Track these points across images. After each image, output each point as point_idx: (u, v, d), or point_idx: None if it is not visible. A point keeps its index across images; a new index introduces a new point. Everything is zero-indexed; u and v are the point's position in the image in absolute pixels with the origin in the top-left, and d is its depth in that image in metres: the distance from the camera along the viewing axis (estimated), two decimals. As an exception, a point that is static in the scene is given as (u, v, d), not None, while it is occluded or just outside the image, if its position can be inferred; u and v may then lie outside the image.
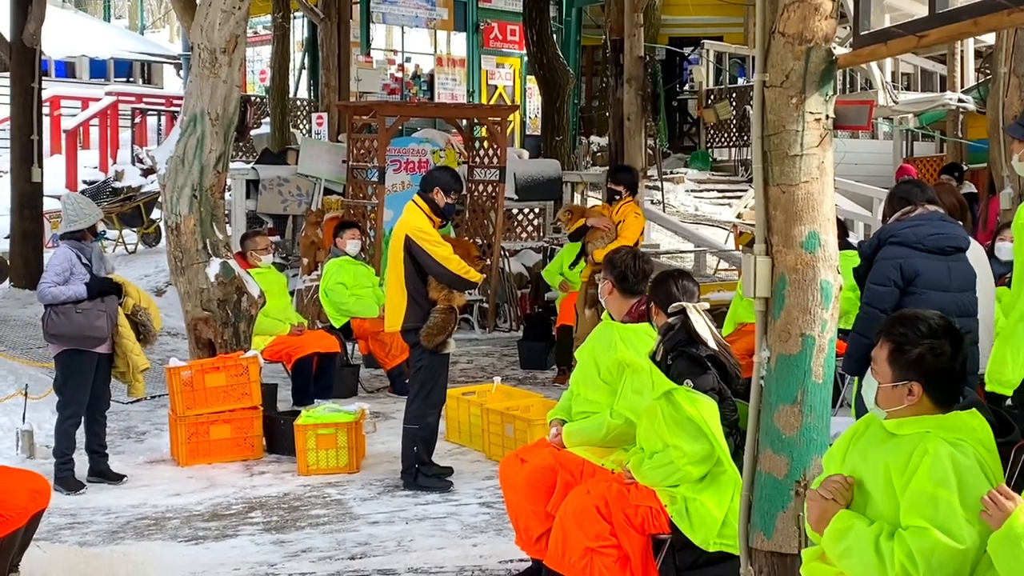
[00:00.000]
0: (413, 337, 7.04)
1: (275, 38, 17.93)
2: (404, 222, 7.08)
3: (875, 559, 3.16)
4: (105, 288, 7.16)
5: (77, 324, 7.06)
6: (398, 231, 7.06)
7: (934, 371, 3.32)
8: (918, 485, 3.19)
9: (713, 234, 17.15)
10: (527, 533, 5.13)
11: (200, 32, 8.16)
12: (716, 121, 20.71)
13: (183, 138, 8.24)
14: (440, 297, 7.00)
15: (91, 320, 7.08)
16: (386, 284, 7.32)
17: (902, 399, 3.34)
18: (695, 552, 4.50)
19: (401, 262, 6.99)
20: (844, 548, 3.25)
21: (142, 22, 32.64)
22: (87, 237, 7.27)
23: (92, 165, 20.08)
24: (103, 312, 7.12)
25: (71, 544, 6.11)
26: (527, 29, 17.74)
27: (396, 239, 7.05)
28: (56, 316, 7.08)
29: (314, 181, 13.76)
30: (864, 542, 3.20)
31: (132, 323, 7.31)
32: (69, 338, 7.11)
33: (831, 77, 3.91)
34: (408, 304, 7.00)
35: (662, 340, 4.72)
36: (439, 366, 7.14)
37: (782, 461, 3.89)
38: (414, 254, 6.97)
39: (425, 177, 7.36)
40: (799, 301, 3.87)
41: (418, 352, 7.07)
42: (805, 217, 3.85)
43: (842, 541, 3.26)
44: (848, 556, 3.24)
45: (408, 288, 7.00)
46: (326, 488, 7.23)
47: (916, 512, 3.16)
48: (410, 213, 7.11)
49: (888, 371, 3.36)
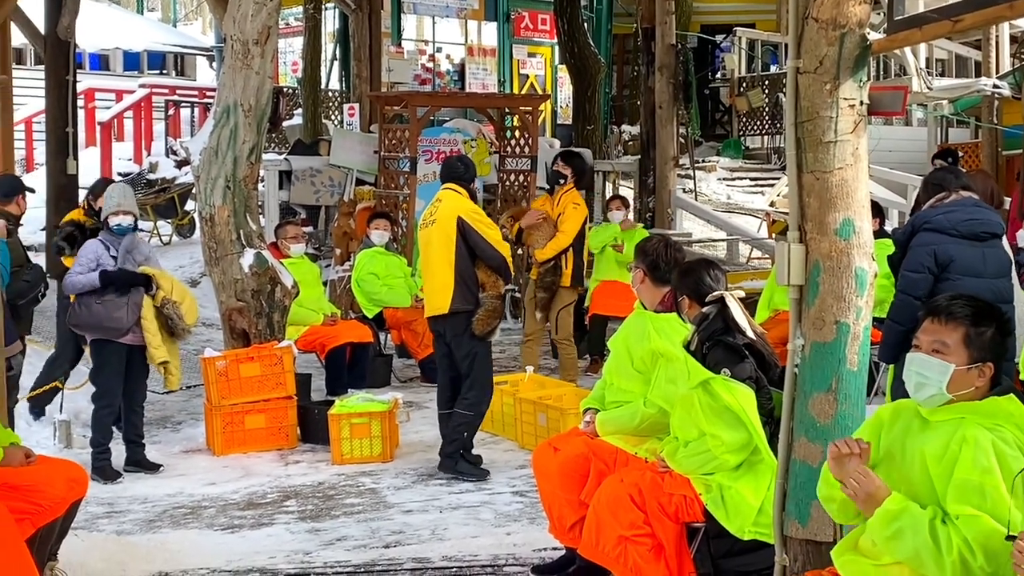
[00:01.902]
0: (459, 321, 7.04)
1: (307, 29, 17.97)
2: (454, 205, 7.11)
3: (931, 543, 3.12)
4: (126, 280, 7.18)
5: (96, 315, 7.14)
6: (447, 214, 7.07)
7: (1000, 352, 3.30)
8: (963, 474, 3.15)
9: (745, 222, 17.07)
10: (560, 522, 5.14)
11: (233, 24, 8.19)
12: (748, 109, 20.59)
13: (216, 129, 8.29)
14: (489, 282, 7.04)
15: (110, 311, 7.13)
16: (429, 267, 7.24)
17: (973, 382, 3.31)
18: (730, 540, 4.49)
19: (452, 244, 7.00)
20: (895, 529, 3.20)
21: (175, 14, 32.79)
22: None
23: (126, 157, 20.22)
24: (124, 304, 7.14)
25: (108, 533, 6.18)
26: (558, 18, 17.70)
27: (446, 221, 7.05)
28: (79, 306, 7.17)
29: (346, 171, 13.80)
30: (920, 526, 3.15)
31: (161, 315, 7.32)
32: (90, 328, 7.22)
33: (865, 63, 3.88)
34: (456, 286, 7.01)
35: (697, 329, 4.71)
36: (489, 352, 7.22)
37: (817, 449, 3.87)
38: (467, 236, 6.99)
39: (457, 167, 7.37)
40: (833, 288, 3.84)
41: (467, 338, 7.07)
42: (839, 204, 3.82)
43: (893, 523, 3.21)
44: (899, 538, 3.19)
45: (458, 270, 7.01)
46: (360, 477, 7.27)
47: (964, 500, 3.12)
48: (456, 198, 7.15)
49: (964, 353, 3.31)
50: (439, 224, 7.11)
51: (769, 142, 21.22)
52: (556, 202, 9.19)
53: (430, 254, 7.20)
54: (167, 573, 5.51)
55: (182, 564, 5.61)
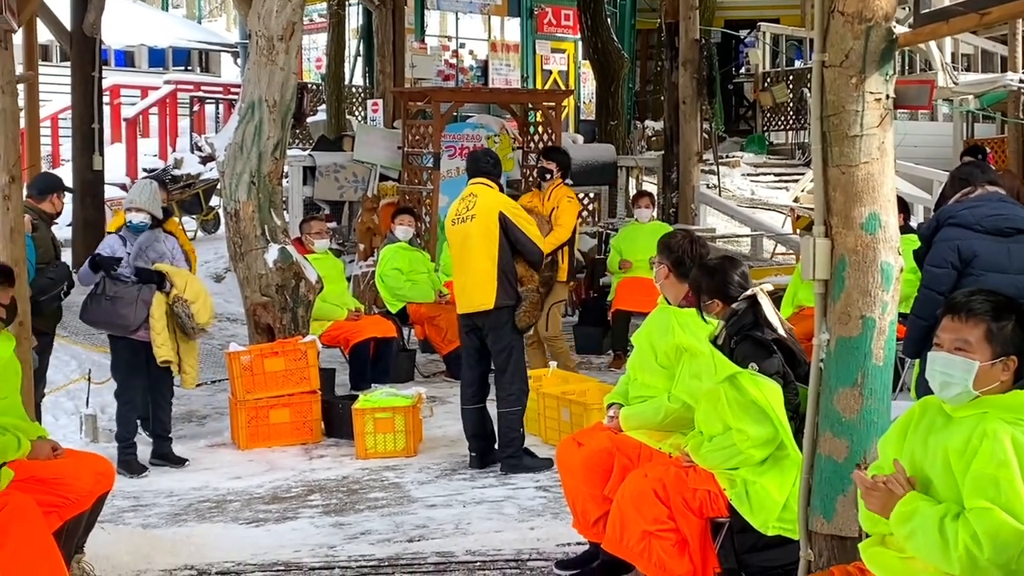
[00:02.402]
0: (501, 316, 7.05)
1: (330, 25, 18.01)
2: (493, 200, 7.11)
3: (939, 540, 3.13)
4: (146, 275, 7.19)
5: (105, 311, 7.18)
6: (487, 209, 7.06)
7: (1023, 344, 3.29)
8: (979, 467, 3.15)
9: (770, 218, 17.00)
10: (584, 516, 5.14)
11: (257, 20, 8.22)
12: (772, 104, 20.50)
13: (241, 125, 8.32)
14: (527, 276, 7.06)
15: (117, 308, 7.15)
16: (467, 264, 7.17)
17: (998, 376, 3.29)
18: (754, 535, 4.48)
19: (495, 239, 7.01)
20: (910, 530, 3.22)
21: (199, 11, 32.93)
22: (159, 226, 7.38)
23: (152, 153, 20.33)
24: (132, 301, 7.14)
25: (134, 526, 6.22)
26: (581, 13, 17.67)
27: (487, 217, 7.04)
28: (90, 301, 7.21)
29: (370, 167, 13.83)
30: (929, 523, 3.17)
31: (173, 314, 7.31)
32: (101, 324, 7.31)
33: (891, 57, 3.86)
34: (499, 282, 7.02)
35: (725, 324, 4.69)
36: (523, 345, 7.27)
37: (842, 444, 3.85)
38: (509, 231, 7.00)
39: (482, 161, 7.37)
40: (859, 283, 3.82)
41: (507, 332, 7.09)
42: (865, 198, 3.80)
43: (908, 523, 3.22)
44: (914, 538, 3.21)
45: (500, 266, 7.02)
46: (384, 471, 7.29)
47: (979, 494, 3.13)
48: (493, 192, 7.17)
49: (988, 349, 3.29)
50: (480, 220, 7.08)
51: (793, 137, 21.12)
52: (547, 197, 9.18)
53: (469, 250, 7.14)
54: (192, 566, 5.54)
55: (207, 557, 5.64)
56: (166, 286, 7.25)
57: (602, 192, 14.72)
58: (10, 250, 5.54)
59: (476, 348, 7.27)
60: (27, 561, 4.37)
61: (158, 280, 7.24)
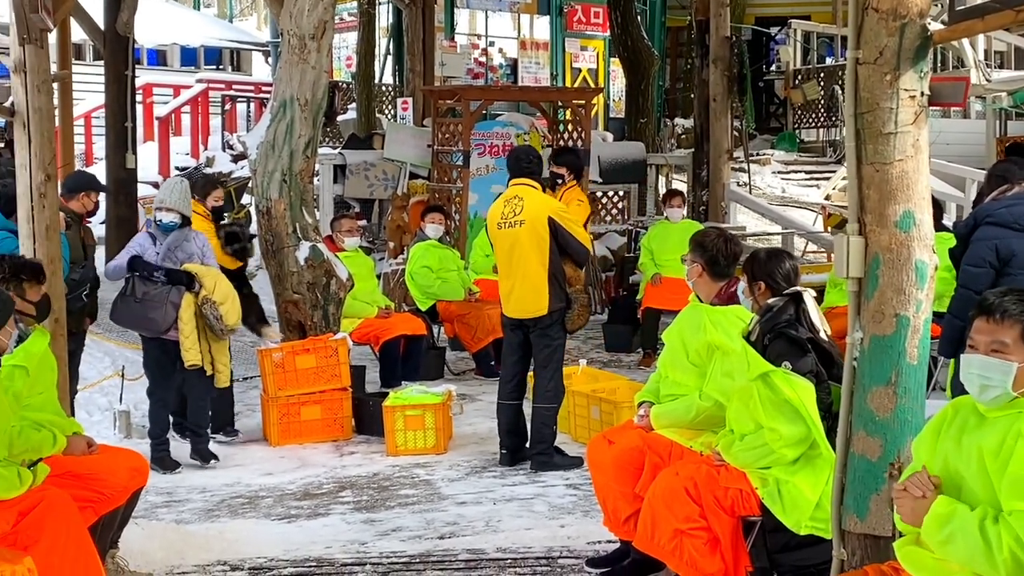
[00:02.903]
0: (554, 317, 7.05)
1: (361, 24, 18.08)
2: (541, 204, 7.08)
3: (982, 544, 3.09)
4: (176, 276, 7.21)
5: (133, 312, 7.18)
6: (536, 213, 7.01)
7: None
8: (1017, 468, 3.12)
9: (801, 216, 16.92)
10: (615, 514, 5.14)
11: (289, 19, 8.26)
12: (803, 101, 20.40)
13: (273, 124, 8.36)
14: (575, 277, 7.06)
15: (146, 311, 7.14)
16: (518, 268, 7.08)
17: None
18: (786, 535, 4.47)
19: (546, 244, 6.98)
20: (947, 534, 3.18)
21: (231, 10, 33.07)
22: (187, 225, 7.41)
23: (184, 152, 20.46)
24: (161, 303, 7.13)
25: (168, 521, 6.26)
26: (611, 11, 17.66)
27: (536, 222, 6.99)
28: (119, 302, 7.22)
29: (400, 165, 13.87)
30: (970, 527, 3.13)
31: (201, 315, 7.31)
32: (129, 324, 7.33)
33: (926, 54, 3.83)
34: (550, 287, 7.01)
35: (760, 320, 4.67)
36: (565, 344, 7.26)
37: (876, 443, 3.84)
38: (558, 235, 6.99)
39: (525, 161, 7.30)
40: (893, 281, 3.80)
41: (555, 333, 7.10)
42: (899, 196, 3.78)
43: (945, 527, 3.19)
44: (951, 542, 3.17)
45: (551, 271, 7.00)
46: (414, 468, 7.31)
47: (1018, 496, 3.09)
48: (539, 195, 7.13)
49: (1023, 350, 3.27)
50: (530, 225, 7.01)
51: (824, 135, 21.02)
52: (558, 199, 8.94)
53: (519, 256, 7.07)
54: (225, 562, 5.57)
55: (240, 553, 5.67)
56: (195, 287, 7.21)
57: (632, 190, 14.71)
58: (46, 248, 5.59)
59: (519, 344, 7.25)
60: (63, 555, 4.40)
61: (187, 281, 7.21)
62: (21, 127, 5.49)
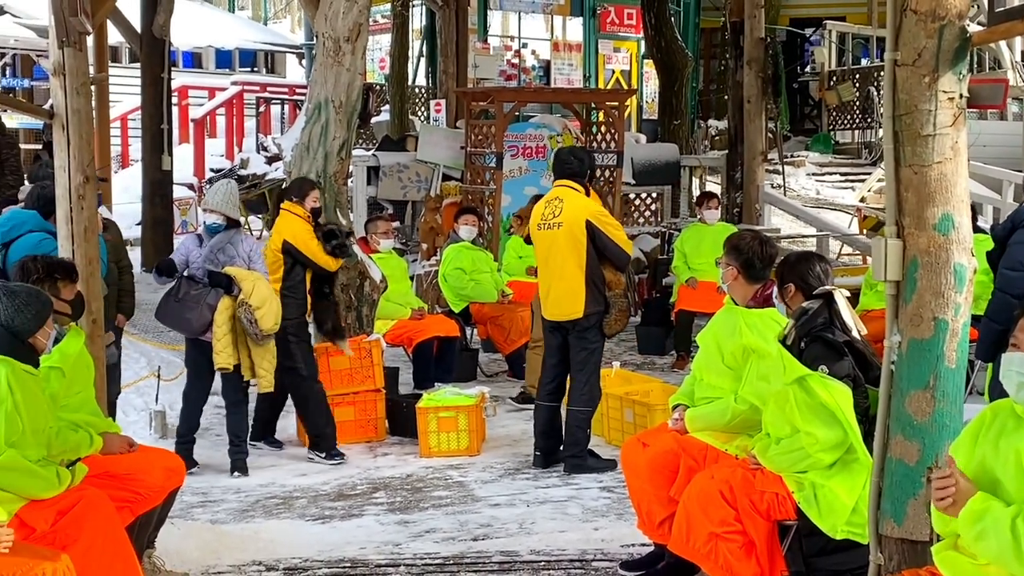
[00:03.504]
0: (589, 321, 7.02)
1: (394, 26, 18.13)
2: (580, 206, 7.04)
3: (1011, 540, 3.09)
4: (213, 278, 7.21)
5: (172, 312, 7.20)
6: (574, 216, 6.99)
7: None
8: None
9: (836, 218, 16.83)
10: (650, 517, 5.12)
11: (324, 21, 8.30)
12: (838, 103, 20.29)
13: (308, 125, 8.41)
14: (615, 281, 7.01)
15: (183, 311, 7.15)
16: (554, 271, 7.10)
17: None
18: (822, 539, 4.45)
19: (583, 248, 6.96)
20: (980, 530, 3.18)
21: (265, 12, 33.26)
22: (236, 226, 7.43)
23: (218, 153, 20.60)
24: (196, 305, 7.12)
25: (203, 522, 6.29)
26: (645, 12, 17.61)
27: (574, 224, 6.97)
28: (164, 301, 7.26)
29: (433, 167, 13.90)
30: (1001, 523, 3.13)
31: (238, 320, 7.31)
32: (169, 324, 7.37)
33: (965, 55, 3.81)
34: (587, 290, 6.98)
35: (795, 324, 4.64)
36: (603, 348, 7.21)
37: (913, 447, 3.81)
38: (596, 239, 6.95)
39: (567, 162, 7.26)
40: (931, 284, 3.78)
41: (592, 336, 7.07)
42: (938, 199, 3.76)
43: (978, 523, 3.18)
44: (983, 538, 3.17)
45: (588, 274, 6.98)
46: (448, 470, 7.32)
47: None
48: (579, 198, 7.07)
49: None
50: (567, 228, 7.01)
51: (859, 137, 20.90)
52: None
53: (556, 258, 7.08)
54: (260, 562, 5.60)
55: (275, 554, 5.70)
56: (234, 290, 7.19)
57: (665, 192, 14.67)
58: (84, 249, 5.63)
59: (559, 346, 7.23)
60: (101, 555, 4.44)
61: (225, 284, 7.21)
62: (60, 129, 5.54)
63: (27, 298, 4.57)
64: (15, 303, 4.52)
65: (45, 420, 4.55)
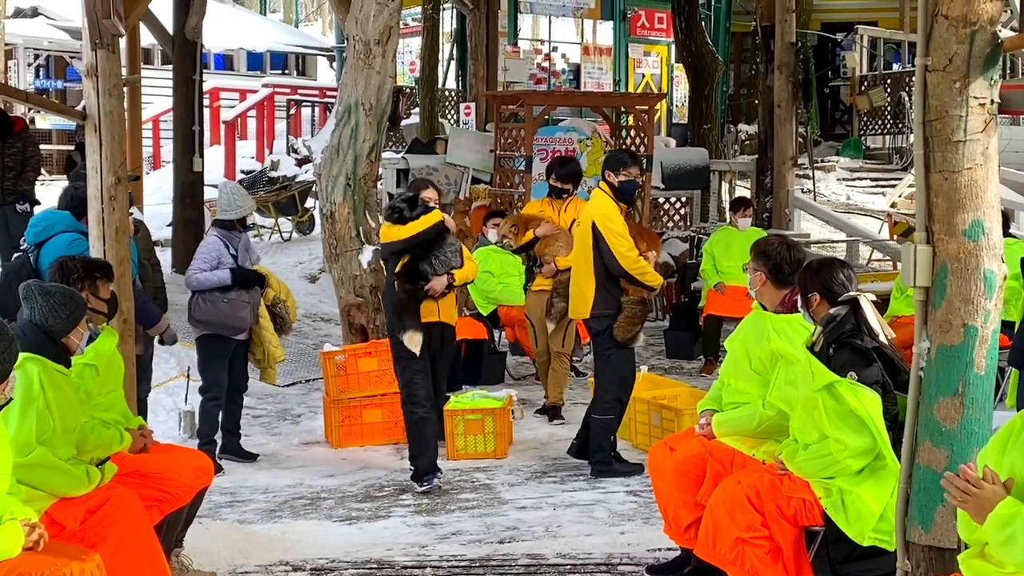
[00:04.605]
0: (600, 324, 7.03)
1: (425, 29, 18.15)
2: (592, 208, 7.13)
3: None
4: (250, 279, 7.33)
5: (222, 312, 7.28)
6: (586, 218, 7.10)
7: None
8: None
9: (866, 224, 16.76)
10: (676, 522, 5.11)
11: (355, 24, 8.34)
12: (869, 108, 20.19)
13: (338, 128, 8.44)
14: (632, 287, 6.99)
15: (236, 310, 7.28)
16: (574, 269, 7.28)
17: None
18: (849, 545, 4.42)
19: (591, 249, 7.00)
20: (1008, 535, 3.15)
21: (296, 15, 33.39)
22: (235, 227, 7.45)
23: (249, 155, 20.69)
24: (247, 303, 7.30)
25: (231, 521, 6.33)
26: (675, 16, 17.60)
27: (586, 225, 7.06)
28: (203, 303, 7.31)
29: (462, 170, 13.91)
30: None
31: (272, 314, 7.49)
32: (213, 324, 7.36)
33: (996, 61, 3.79)
34: (597, 291, 7.00)
35: (824, 331, 4.61)
36: (630, 356, 7.16)
37: (942, 454, 3.79)
38: (598, 242, 6.99)
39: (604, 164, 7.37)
40: (961, 291, 3.76)
41: (605, 341, 7.06)
42: (968, 204, 3.74)
43: (1006, 527, 3.15)
44: (1012, 543, 3.14)
45: (597, 275, 6.99)
46: (475, 473, 7.33)
47: None
48: (597, 199, 7.14)
49: None
50: (582, 227, 7.16)
51: (891, 142, 20.78)
52: (563, 209, 8.69)
53: (574, 255, 7.32)
54: (287, 562, 5.62)
55: (302, 554, 5.73)
56: (264, 288, 7.43)
57: (694, 196, 14.64)
58: (115, 249, 5.68)
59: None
60: (129, 553, 4.47)
61: (261, 282, 7.41)
62: (92, 130, 5.59)
63: (62, 298, 4.62)
64: (49, 303, 4.57)
65: (76, 419, 4.59)
